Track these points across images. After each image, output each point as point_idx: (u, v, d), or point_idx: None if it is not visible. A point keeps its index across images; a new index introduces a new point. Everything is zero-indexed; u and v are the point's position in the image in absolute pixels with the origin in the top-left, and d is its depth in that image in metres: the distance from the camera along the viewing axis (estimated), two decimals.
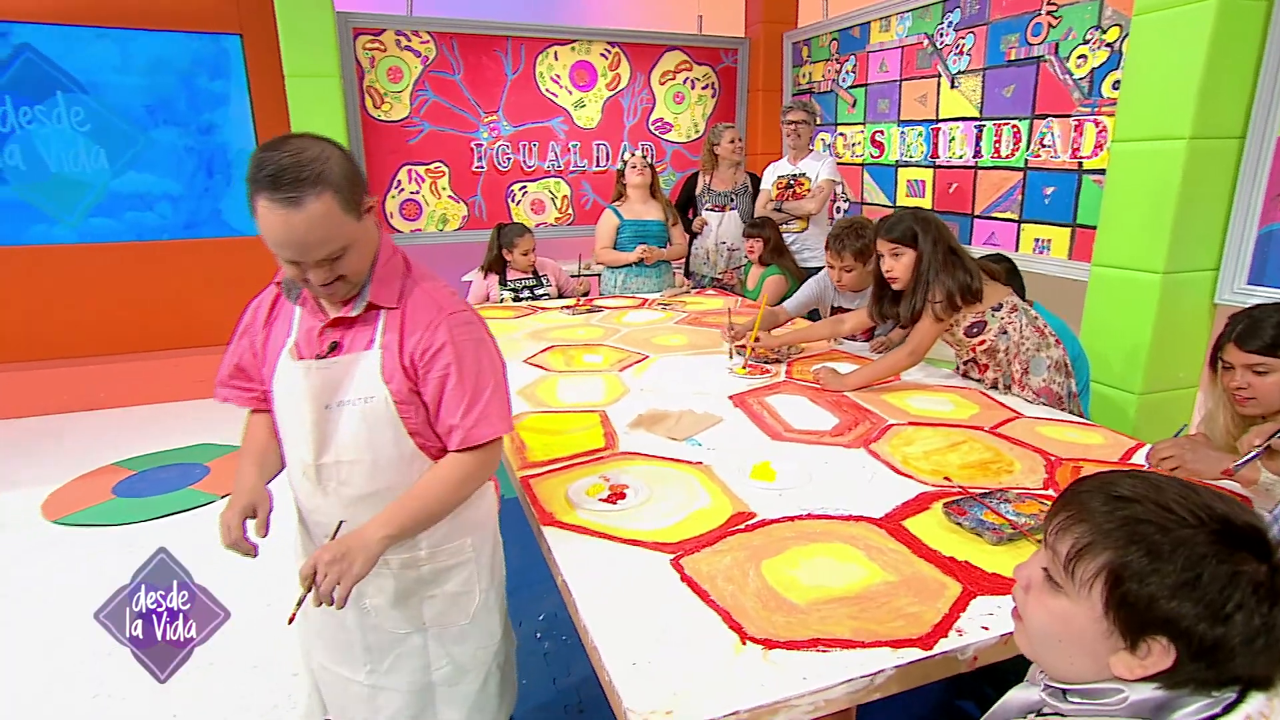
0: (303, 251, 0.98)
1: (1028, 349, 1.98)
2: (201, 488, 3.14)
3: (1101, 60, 2.89)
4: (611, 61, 4.91)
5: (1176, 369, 2.70)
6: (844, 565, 1.17)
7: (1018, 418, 1.85)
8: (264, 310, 1.18)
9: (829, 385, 2.06)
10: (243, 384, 1.21)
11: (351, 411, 1.09)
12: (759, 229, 3.51)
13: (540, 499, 1.39)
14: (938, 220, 2.03)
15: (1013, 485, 1.45)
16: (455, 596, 1.19)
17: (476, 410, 1.10)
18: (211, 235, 4.42)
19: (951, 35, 3.65)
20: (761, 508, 1.36)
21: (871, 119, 4.36)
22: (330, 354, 1.09)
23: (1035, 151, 3.27)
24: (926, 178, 3.99)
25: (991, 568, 1.15)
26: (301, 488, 1.13)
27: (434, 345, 1.09)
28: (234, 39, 4.28)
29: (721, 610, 1.05)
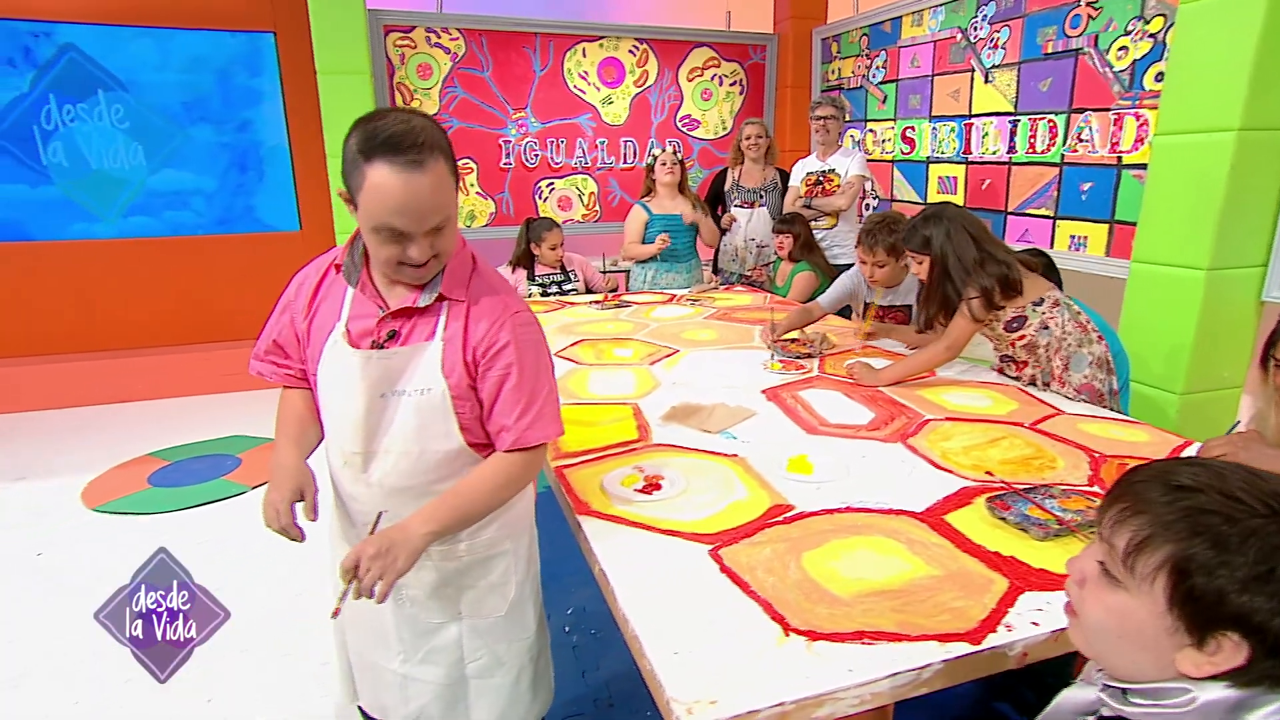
0: (419, 219, 0.97)
1: (1069, 344, 1.94)
2: (233, 478, 3.19)
3: (1144, 52, 2.82)
4: (639, 58, 4.90)
5: (1220, 368, 2.62)
6: (886, 559, 1.15)
7: (1058, 414, 1.81)
8: (309, 288, 1.16)
9: (863, 380, 2.04)
10: (279, 360, 1.20)
11: (406, 403, 1.08)
12: (789, 225, 3.48)
13: (575, 488, 1.38)
14: (958, 217, 1.98)
15: (1056, 481, 1.41)
16: (492, 588, 1.19)
17: (531, 413, 1.09)
18: (244, 231, 4.49)
19: (986, 29, 3.59)
20: (799, 500, 1.35)
21: (902, 115, 4.30)
22: (388, 343, 1.08)
23: (1072, 146, 3.20)
24: (959, 174, 3.93)
25: (1039, 563, 1.13)
26: (343, 475, 1.12)
27: (498, 343, 1.07)
28: (268, 37, 4.34)
29: (763, 601, 1.04)
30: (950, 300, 1.96)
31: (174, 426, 3.80)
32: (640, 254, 3.64)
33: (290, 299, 1.18)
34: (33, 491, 3.12)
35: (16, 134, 4.05)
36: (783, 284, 3.56)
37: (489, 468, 1.10)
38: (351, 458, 1.11)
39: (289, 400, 1.21)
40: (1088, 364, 1.93)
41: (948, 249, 1.95)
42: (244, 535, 2.72)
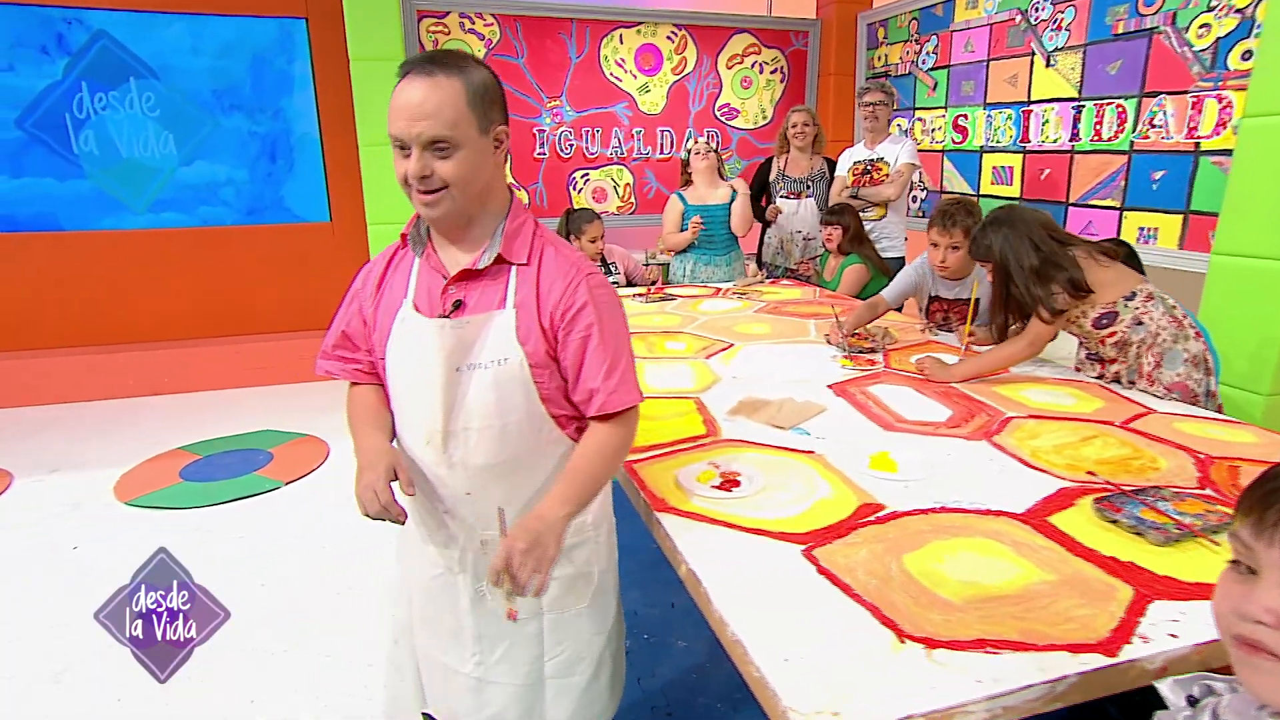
0: (411, 120, 0.96)
1: (1164, 341, 1.86)
2: (266, 474, 3.20)
3: (1229, 29, 2.73)
4: (678, 44, 4.86)
5: None
6: (992, 561, 1.10)
7: (1149, 413, 1.74)
8: (377, 271, 1.15)
9: (934, 376, 1.98)
10: (347, 354, 1.19)
11: (483, 375, 1.06)
12: (838, 216, 3.41)
13: (649, 484, 1.35)
14: (1020, 221, 1.94)
15: (1163, 483, 1.35)
16: (574, 579, 1.16)
17: (617, 374, 1.08)
18: (274, 221, 4.51)
19: (1048, 9, 3.50)
20: (889, 499, 1.30)
21: (954, 102, 4.22)
22: (454, 313, 1.06)
23: (1143, 132, 3.11)
24: (1015, 164, 3.84)
25: (1163, 570, 1.07)
26: (424, 457, 1.10)
27: (575, 304, 1.06)
28: (299, 23, 4.36)
29: (869, 605, 0.99)
30: (1021, 305, 1.91)
31: (205, 420, 3.82)
32: (679, 242, 3.60)
33: (358, 288, 1.18)
34: (67, 484, 3.15)
35: (49, 122, 4.10)
36: (831, 278, 3.50)
37: (595, 439, 1.09)
38: (432, 436, 1.08)
39: (359, 394, 1.20)
40: (1182, 361, 1.85)
41: (1008, 255, 1.91)
42: (278, 531, 2.72)
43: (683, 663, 2.04)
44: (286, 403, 4.07)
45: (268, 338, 4.47)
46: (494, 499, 1.10)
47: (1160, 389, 1.87)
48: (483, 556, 1.13)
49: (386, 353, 1.11)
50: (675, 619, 2.21)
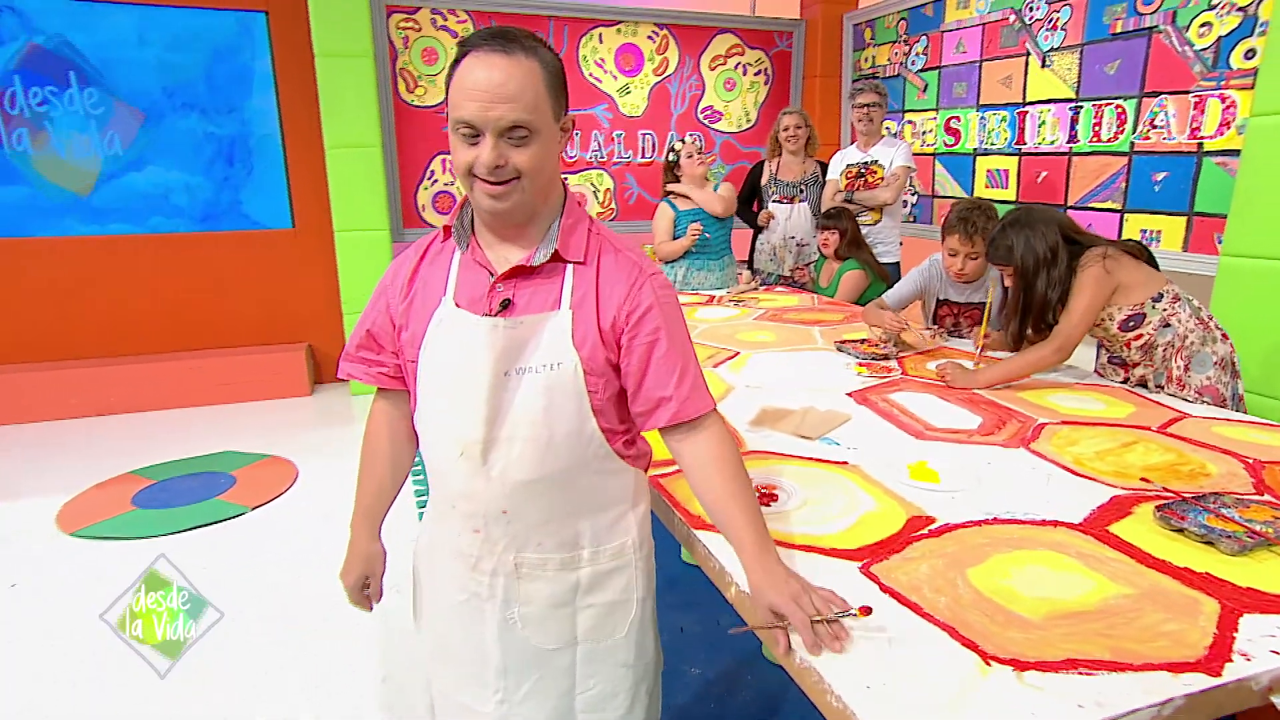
0: (490, 102, 0.90)
1: (1192, 344, 1.87)
2: (230, 498, 3.06)
3: (1231, 27, 2.79)
4: (659, 44, 4.86)
5: None
6: (1063, 575, 1.06)
7: (1185, 417, 1.73)
8: (409, 266, 1.08)
9: (956, 382, 1.96)
10: (372, 354, 1.12)
11: (533, 380, 1.00)
12: (835, 220, 3.41)
13: (682, 501, 1.29)
14: (1036, 215, 1.95)
15: (1219, 489, 1.33)
16: (612, 606, 1.09)
17: (689, 380, 1.03)
18: (232, 228, 4.37)
19: (1044, 9, 3.57)
20: (937, 511, 1.26)
21: (946, 104, 4.28)
22: (503, 312, 1.00)
23: (1144, 133, 3.17)
24: (1010, 167, 3.90)
25: (1246, 581, 1.04)
26: (457, 470, 1.03)
27: (641, 306, 1.01)
28: (259, 16, 4.25)
29: (943, 625, 0.94)
30: (1042, 310, 1.91)
31: (159, 442, 3.66)
32: (674, 251, 3.56)
33: (386, 283, 1.11)
34: (1, 515, 2.97)
35: None
36: (828, 284, 3.49)
37: (712, 450, 1.04)
38: (470, 447, 1.01)
39: (375, 435, 1.18)
40: (1211, 364, 1.86)
41: (1029, 258, 1.91)
42: (244, 560, 2.60)
43: (696, 690, 1.98)
44: (249, 422, 3.92)
45: (227, 352, 4.32)
46: (531, 519, 1.03)
47: (1191, 393, 1.87)
48: (515, 581, 1.05)
49: (420, 354, 1.04)
50: (686, 644, 2.14)
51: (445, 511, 1.08)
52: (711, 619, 2.24)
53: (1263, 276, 2.54)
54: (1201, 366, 1.87)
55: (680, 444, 1.05)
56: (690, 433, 1.04)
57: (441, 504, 1.09)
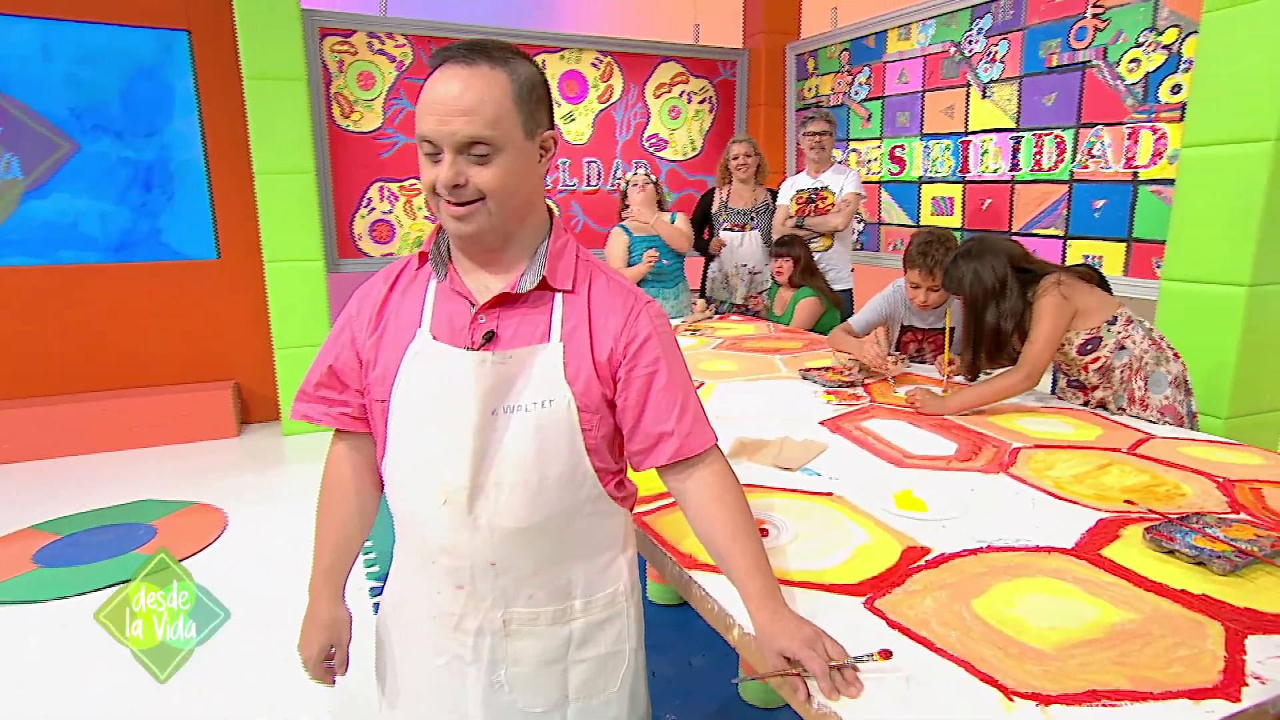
0: (445, 116, 0.86)
1: (1148, 364, 1.95)
2: (150, 551, 2.85)
3: (1158, 64, 2.98)
4: (603, 72, 4.90)
5: (1264, 391, 2.72)
6: (1066, 602, 1.07)
7: (1150, 438, 1.79)
8: (377, 295, 1.02)
9: (926, 409, 1.99)
10: (334, 394, 1.04)
11: (523, 419, 0.94)
12: (789, 248, 3.47)
13: (670, 539, 1.25)
14: (986, 246, 2.03)
15: (1197, 509, 1.37)
16: (605, 659, 1.04)
17: (690, 413, 1.00)
18: (149, 259, 4.16)
19: (982, 42, 3.74)
20: (930, 541, 1.26)
21: (890, 133, 4.43)
22: (486, 345, 0.95)
23: (1083, 162, 3.34)
24: (955, 194, 4.05)
25: (1242, 601, 1.07)
26: (437, 521, 0.96)
27: (639, 336, 0.98)
28: (180, 35, 4.10)
29: (958, 660, 0.93)
30: (995, 339, 1.97)
31: (65, 493, 3.40)
32: (632, 277, 3.54)
33: (351, 315, 1.04)
34: None
35: None
36: (783, 311, 3.53)
37: (710, 490, 1.00)
38: (454, 495, 0.95)
39: (336, 483, 1.09)
40: (1167, 384, 1.94)
41: (976, 287, 1.98)
42: None
43: None
44: (171, 467, 3.69)
45: (145, 392, 4.08)
46: (522, 570, 0.98)
47: (1154, 413, 1.94)
48: (503, 640, 0.99)
49: (393, 393, 0.98)
50: (658, 689, 2.08)
51: (421, 567, 1.01)
52: (683, 660, 2.19)
53: (1201, 300, 2.68)
54: (1158, 386, 1.95)
55: (682, 482, 1.01)
56: (692, 469, 1.00)
57: (416, 559, 1.02)
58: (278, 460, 3.87)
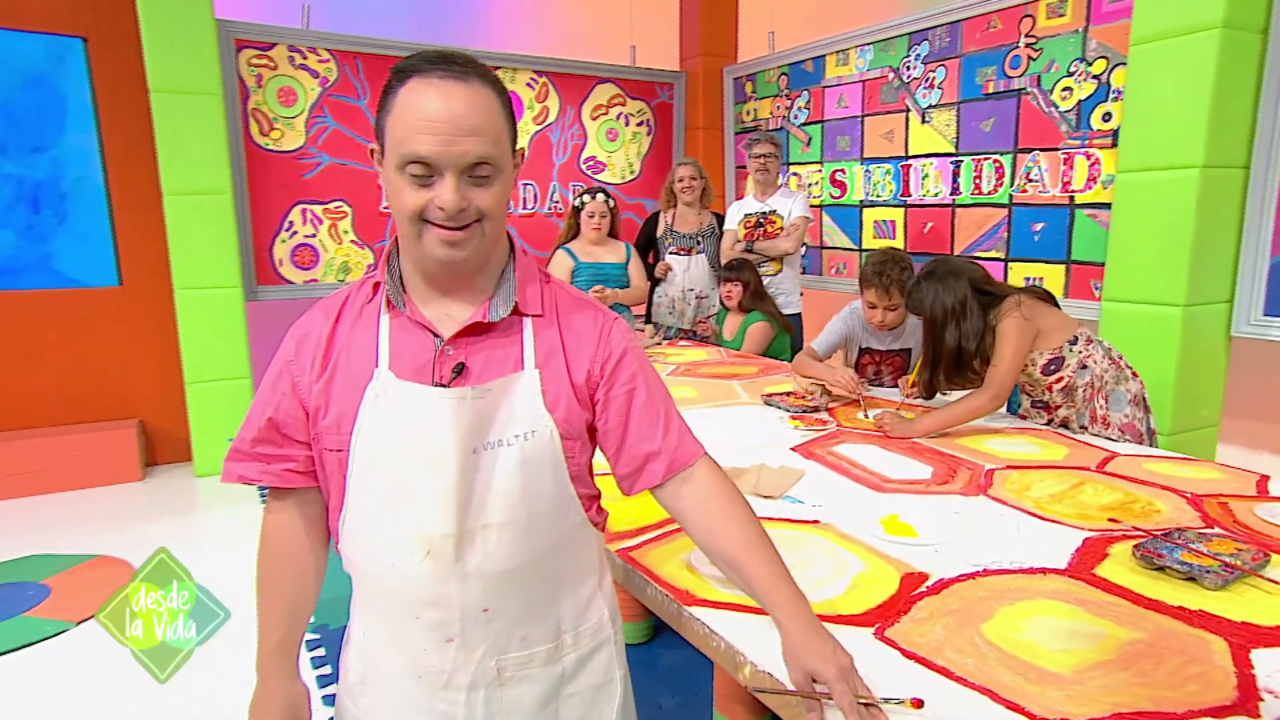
0: (450, 137, 0.82)
1: (1108, 383, 2.04)
2: (43, 613, 2.63)
3: (1089, 92, 3.17)
4: (539, 92, 4.90)
5: (1199, 407, 2.89)
6: (1072, 624, 1.09)
7: (1115, 456, 1.87)
8: (319, 334, 0.95)
9: (895, 432, 2.02)
10: (273, 449, 0.95)
11: (507, 455, 0.91)
12: (738, 272, 3.52)
13: (663, 575, 1.23)
14: (949, 268, 2.11)
15: (1172, 525, 1.43)
16: (597, 690, 1.01)
17: (675, 426, 0.99)
18: (39, 286, 3.89)
19: (920, 68, 3.92)
20: (927, 567, 1.28)
21: (830, 158, 4.57)
22: (456, 380, 0.91)
23: (1021, 187, 3.51)
24: (897, 218, 4.19)
25: (1239, 615, 1.11)
26: (419, 575, 0.91)
27: (614, 353, 0.97)
28: (75, 43, 3.90)
29: (980, 689, 0.94)
30: (954, 358, 2.04)
31: None
32: None
33: (288, 358, 0.96)
34: None
35: None
36: (732, 336, 3.57)
37: (711, 499, 0.98)
38: (438, 544, 0.90)
39: (280, 546, 1.00)
40: (1127, 402, 2.03)
41: (936, 308, 2.05)
42: (71, 693, 2.22)
43: None
44: (66, 516, 3.42)
45: (35, 433, 3.78)
46: (513, 612, 0.93)
47: (1115, 431, 2.03)
48: (497, 690, 0.94)
49: (354, 441, 0.91)
50: None
51: (400, 626, 0.94)
52: (652, 702, 2.14)
53: (1141, 320, 2.83)
54: (1119, 405, 2.04)
55: (679, 499, 0.99)
56: (686, 484, 0.99)
57: (392, 619, 0.95)
58: (189, 505, 3.64)
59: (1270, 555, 1.26)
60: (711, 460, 1.02)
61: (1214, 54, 2.57)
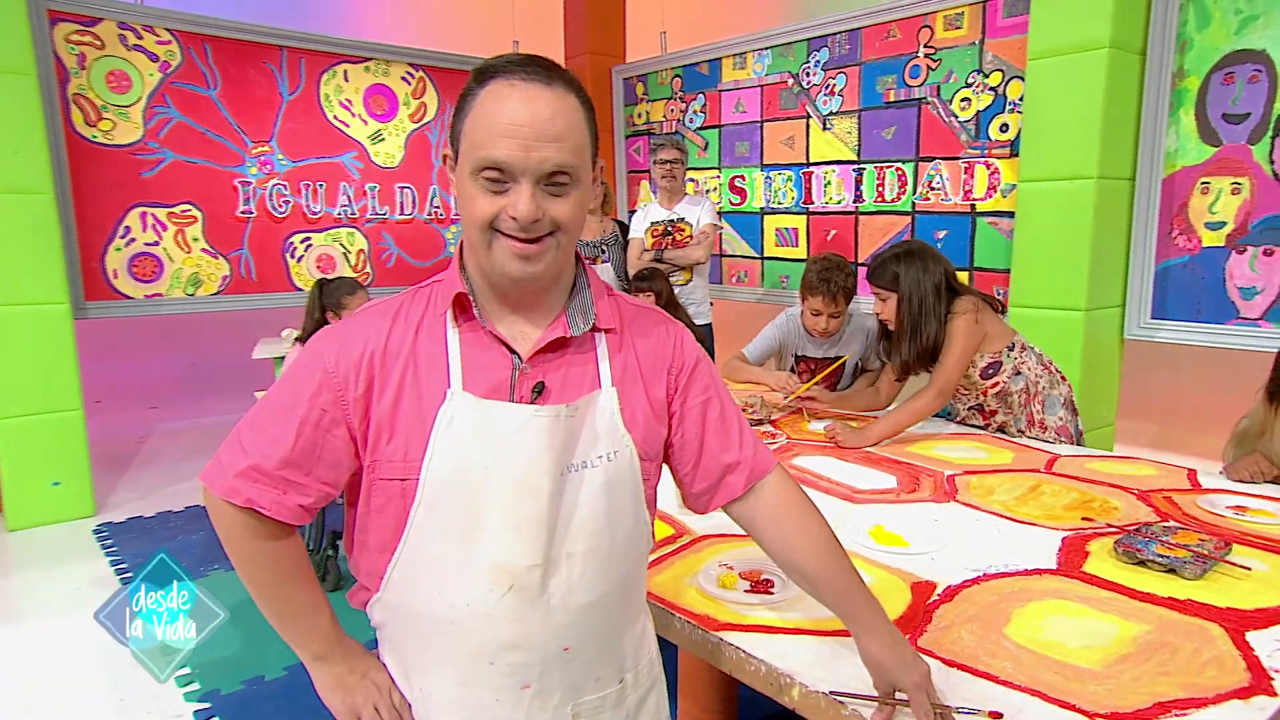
0: (533, 140, 0.83)
1: (1042, 388, 2.23)
2: None
3: (986, 104, 3.47)
4: (415, 88, 4.80)
5: (1099, 408, 3.22)
6: (1085, 621, 1.20)
7: (1059, 458, 2.06)
8: (375, 337, 0.90)
9: (848, 442, 2.13)
10: (298, 476, 0.89)
11: (592, 477, 0.91)
12: (649, 282, 3.56)
13: (690, 607, 1.24)
14: (928, 252, 2.25)
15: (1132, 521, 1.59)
16: None
17: (749, 436, 1.04)
18: None
19: (820, 75, 4.14)
20: (930, 575, 1.36)
21: (729, 163, 4.73)
22: (538, 399, 0.91)
23: (924, 194, 3.78)
24: (799, 225, 4.40)
25: (1221, 602, 1.25)
26: (498, 615, 0.87)
27: (687, 364, 1.01)
28: None
29: (1029, 690, 1.02)
30: (930, 339, 2.16)
31: None
32: None
33: (327, 369, 0.89)
34: None
35: None
36: None
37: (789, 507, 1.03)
38: (524, 576, 0.87)
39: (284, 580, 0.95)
40: (1059, 405, 2.24)
41: (918, 287, 2.17)
42: None
43: None
44: None
45: None
46: (590, 650, 0.93)
47: (1051, 434, 2.23)
48: None
49: (425, 469, 0.87)
50: None
51: (468, 678, 0.91)
52: None
53: (1046, 324, 3.12)
54: (1052, 408, 2.24)
55: (753, 511, 1.03)
56: (760, 493, 1.03)
57: (458, 669, 0.91)
58: (3, 567, 3.25)
59: (1231, 544, 1.43)
60: (783, 469, 1.05)
61: (1103, 72, 2.89)
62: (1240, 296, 2.92)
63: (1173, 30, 2.95)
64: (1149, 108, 3.02)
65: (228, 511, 0.88)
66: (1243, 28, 2.83)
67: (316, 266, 4.51)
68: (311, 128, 4.43)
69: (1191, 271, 3.01)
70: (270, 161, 4.31)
